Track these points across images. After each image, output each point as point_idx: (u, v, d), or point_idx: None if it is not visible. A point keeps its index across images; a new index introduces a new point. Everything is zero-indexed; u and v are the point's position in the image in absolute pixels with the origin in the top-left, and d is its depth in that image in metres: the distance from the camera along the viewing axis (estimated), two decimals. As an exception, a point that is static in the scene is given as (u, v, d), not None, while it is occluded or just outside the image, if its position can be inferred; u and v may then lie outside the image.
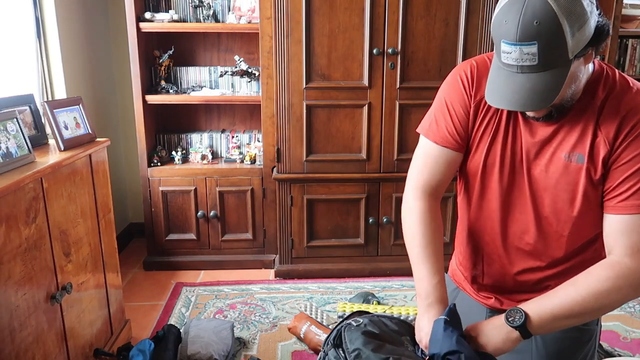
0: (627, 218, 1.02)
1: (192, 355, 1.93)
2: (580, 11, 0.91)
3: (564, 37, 0.91)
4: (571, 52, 0.94)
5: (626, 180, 1.02)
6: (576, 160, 1.07)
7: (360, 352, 1.07)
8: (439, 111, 1.20)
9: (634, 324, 2.33)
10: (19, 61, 2.31)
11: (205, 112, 3.12)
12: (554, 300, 1.04)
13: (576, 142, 1.07)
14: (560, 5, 0.89)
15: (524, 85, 0.96)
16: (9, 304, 1.35)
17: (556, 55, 0.93)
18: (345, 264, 2.80)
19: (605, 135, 1.04)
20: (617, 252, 1.03)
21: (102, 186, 1.94)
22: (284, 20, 2.45)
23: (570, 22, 0.90)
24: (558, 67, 0.95)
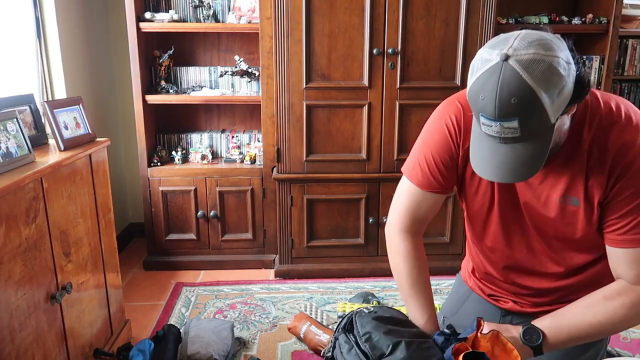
0: (630, 251, 1.05)
1: (192, 355, 1.93)
2: (556, 78, 0.88)
3: (543, 108, 0.89)
4: (553, 118, 0.92)
5: (623, 216, 1.04)
6: (571, 202, 1.09)
7: (371, 335, 1.08)
8: (424, 158, 1.20)
9: (634, 324, 2.33)
10: (19, 61, 2.31)
11: (205, 112, 3.12)
12: (571, 322, 1.08)
13: (569, 185, 1.08)
14: (536, 79, 0.87)
15: (509, 155, 0.95)
16: (9, 304, 1.35)
17: (538, 125, 0.91)
18: (345, 264, 2.80)
19: (597, 178, 1.04)
20: (627, 279, 1.07)
21: (102, 186, 1.94)
22: (284, 20, 2.45)
23: (548, 91, 0.88)
24: (541, 135, 0.93)
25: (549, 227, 1.15)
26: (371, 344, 1.06)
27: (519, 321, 1.29)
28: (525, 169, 0.95)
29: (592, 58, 2.95)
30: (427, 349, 1.09)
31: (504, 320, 1.33)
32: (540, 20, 2.89)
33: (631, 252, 1.05)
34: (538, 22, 2.89)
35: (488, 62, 0.90)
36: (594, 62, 2.95)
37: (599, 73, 2.95)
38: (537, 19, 2.89)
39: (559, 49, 0.91)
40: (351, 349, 1.09)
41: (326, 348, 1.18)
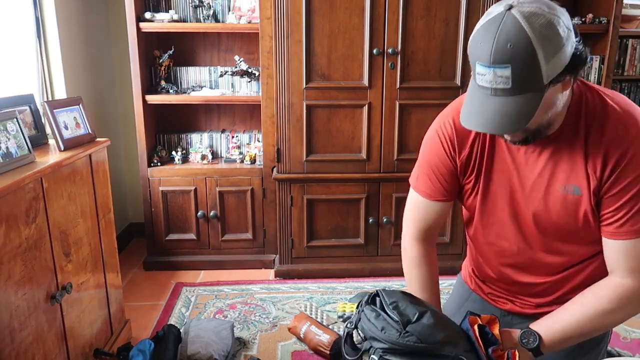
0: (625, 243, 1.06)
1: (192, 355, 1.93)
2: (555, 38, 0.90)
3: (537, 62, 0.90)
4: (546, 78, 0.92)
5: (619, 208, 1.05)
6: (572, 192, 1.09)
7: (398, 303, 1.10)
8: (424, 169, 1.26)
9: (634, 324, 2.33)
10: (19, 61, 2.31)
11: (205, 112, 3.12)
12: (564, 321, 1.10)
13: (569, 174, 1.08)
14: (534, 30, 0.88)
15: (497, 108, 0.95)
16: (9, 304, 1.35)
17: (530, 79, 0.92)
18: (345, 264, 2.80)
19: (592, 169, 1.05)
20: (619, 273, 1.08)
21: (102, 186, 1.94)
22: (284, 21, 2.45)
23: (545, 47, 0.89)
24: (532, 92, 0.93)
25: (549, 217, 1.14)
26: (399, 310, 1.08)
27: (519, 322, 1.29)
28: (509, 122, 0.95)
29: (592, 58, 2.95)
30: (449, 322, 1.13)
31: (504, 320, 1.33)
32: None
33: (627, 244, 1.05)
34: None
35: (492, 13, 0.93)
36: (594, 62, 2.95)
37: (599, 73, 2.95)
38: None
39: (561, 14, 0.93)
40: (379, 315, 1.10)
41: (350, 320, 1.20)
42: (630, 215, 1.04)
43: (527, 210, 1.16)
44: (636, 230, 1.04)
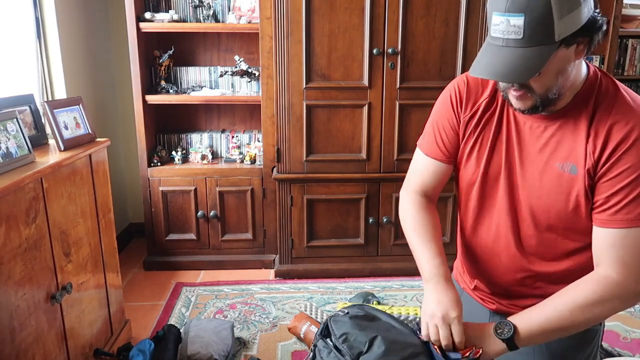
0: (615, 232, 1.03)
1: (192, 355, 1.93)
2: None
3: (551, 15, 0.91)
4: (558, 34, 0.93)
5: (614, 195, 1.02)
6: (569, 170, 1.07)
7: (347, 336, 1.07)
8: (430, 126, 1.27)
9: (634, 324, 2.33)
10: (19, 61, 2.31)
11: (205, 112, 3.12)
12: (543, 314, 1.06)
13: (569, 152, 1.07)
14: None
15: (506, 58, 0.96)
16: (9, 304, 1.35)
17: (541, 32, 0.92)
18: (345, 264, 2.80)
19: (592, 148, 1.04)
20: (604, 265, 1.04)
21: (102, 186, 1.94)
22: (284, 21, 2.45)
23: (560, 2, 0.90)
24: (542, 46, 0.94)
25: (541, 201, 1.12)
26: (349, 344, 1.06)
27: None
28: (515, 71, 0.95)
29: (592, 58, 2.95)
30: (404, 341, 1.09)
31: (492, 320, 1.32)
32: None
33: (618, 233, 1.02)
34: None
35: None
36: (594, 62, 2.95)
37: (599, 73, 2.95)
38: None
39: None
40: (330, 352, 1.08)
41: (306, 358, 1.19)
42: (626, 202, 1.01)
43: (522, 185, 1.14)
44: (630, 219, 1.01)
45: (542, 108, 1.06)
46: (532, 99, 1.04)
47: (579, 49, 0.98)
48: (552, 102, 1.05)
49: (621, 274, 1.02)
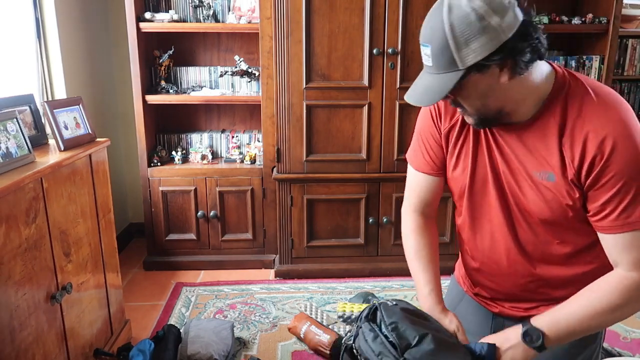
0: (622, 236, 1.04)
1: (192, 355, 1.93)
2: (468, 30, 0.96)
3: (448, 47, 0.98)
4: (461, 63, 0.98)
5: (608, 202, 1.03)
6: (547, 178, 1.09)
7: (397, 325, 1.07)
8: (416, 141, 1.33)
9: (634, 324, 2.33)
10: (19, 61, 2.31)
11: (205, 112, 3.12)
12: (570, 316, 1.07)
13: (544, 160, 1.08)
14: (449, 19, 0.96)
15: (423, 83, 1.06)
16: (9, 304, 1.35)
17: (444, 60, 1.00)
18: (345, 264, 2.80)
19: (570, 157, 1.05)
20: (623, 267, 1.06)
21: (102, 186, 1.94)
22: (284, 21, 2.45)
23: (455, 35, 0.96)
24: (448, 73, 1.01)
25: (530, 206, 1.14)
26: (398, 333, 1.06)
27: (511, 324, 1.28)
28: (423, 95, 1.05)
29: (592, 58, 2.95)
30: (453, 344, 1.11)
31: (495, 322, 1.31)
32: (540, 20, 2.89)
33: (624, 237, 1.04)
34: (538, 22, 2.88)
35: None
36: (594, 62, 2.95)
37: (599, 73, 2.94)
38: (537, 19, 2.89)
39: (496, 12, 0.96)
40: (377, 337, 1.08)
41: (347, 336, 1.18)
42: (622, 208, 1.02)
43: (510, 190, 1.16)
44: (632, 222, 1.02)
45: (491, 123, 1.11)
46: (472, 117, 1.11)
47: (502, 72, 1.01)
48: (498, 119, 1.09)
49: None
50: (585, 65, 2.96)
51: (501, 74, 1.02)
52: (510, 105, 1.07)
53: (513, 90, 1.05)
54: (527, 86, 1.06)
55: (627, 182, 1.01)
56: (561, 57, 3.01)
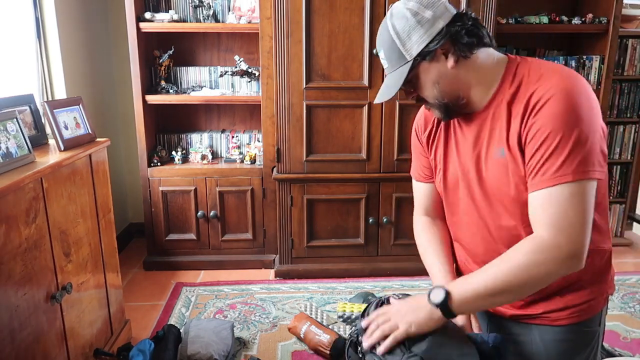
0: (539, 194, 1.04)
1: (192, 355, 1.93)
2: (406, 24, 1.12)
3: (395, 43, 1.14)
4: (408, 55, 1.14)
5: (532, 159, 1.05)
6: (500, 154, 1.13)
7: None
8: (412, 156, 1.47)
9: (634, 324, 2.33)
10: (19, 61, 2.31)
11: (205, 112, 3.12)
12: (477, 278, 1.07)
13: (499, 138, 1.14)
14: (391, 22, 1.14)
15: (384, 83, 1.21)
16: (9, 304, 1.35)
17: (395, 57, 1.15)
18: (345, 264, 2.80)
19: (515, 123, 1.10)
20: (536, 228, 1.05)
21: (102, 186, 1.94)
22: (284, 21, 2.45)
23: (397, 33, 1.14)
24: (400, 67, 1.16)
25: (490, 183, 1.17)
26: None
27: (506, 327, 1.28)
28: (385, 91, 1.18)
29: (592, 58, 2.95)
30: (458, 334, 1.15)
31: (490, 322, 1.32)
32: (540, 20, 2.89)
33: (542, 194, 1.03)
34: (538, 22, 2.89)
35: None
36: (594, 62, 2.95)
37: (599, 73, 2.95)
38: (537, 19, 2.90)
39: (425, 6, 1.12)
40: None
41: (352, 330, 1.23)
42: (542, 163, 1.03)
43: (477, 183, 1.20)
44: (546, 179, 1.02)
45: (452, 113, 1.20)
46: (436, 108, 1.20)
47: (448, 57, 1.13)
48: (458, 106, 1.18)
49: (552, 234, 1.02)
50: (585, 65, 2.96)
51: (447, 59, 1.13)
52: (464, 90, 1.16)
53: (462, 74, 1.15)
54: (476, 70, 1.15)
55: (548, 137, 1.02)
56: (561, 57, 3.01)
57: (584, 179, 1.01)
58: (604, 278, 1.24)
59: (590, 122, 1.03)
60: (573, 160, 1.01)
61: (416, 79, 1.16)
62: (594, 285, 1.21)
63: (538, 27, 2.89)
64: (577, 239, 1.01)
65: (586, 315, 1.22)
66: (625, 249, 3.22)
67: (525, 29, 2.89)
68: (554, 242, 1.01)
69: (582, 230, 1.01)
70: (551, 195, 1.02)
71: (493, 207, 1.19)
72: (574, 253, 1.02)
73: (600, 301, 1.24)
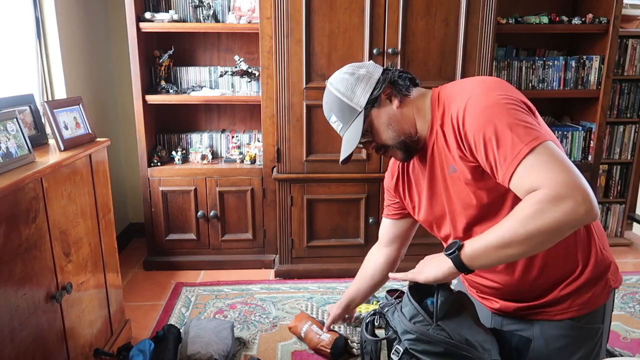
0: (515, 176, 1.06)
1: (192, 355, 1.93)
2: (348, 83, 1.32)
3: (343, 102, 1.32)
4: (358, 106, 1.31)
5: (487, 157, 1.10)
6: (452, 171, 1.23)
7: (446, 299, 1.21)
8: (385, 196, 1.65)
9: (634, 324, 2.33)
10: (19, 61, 2.31)
11: (205, 112, 3.12)
12: (488, 232, 1.11)
13: (445, 158, 1.25)
14: (334, 87, 1.34)
15: (344, 141, 1.36)
16: (9, 304, 1.35)
17: (347, 114, 1.32)
18: (345, 264, 2.80)
19: (451, 142, 1.20)
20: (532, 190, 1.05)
21: (102, 186, 1.94)
22: (284, 20, 2.45)
23: (342, 92, 1.32)
24: (355, 120, 1.32)
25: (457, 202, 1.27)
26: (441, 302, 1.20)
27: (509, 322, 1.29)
28: (350, 146, 1.33)
29: (592, 58, 2.95)
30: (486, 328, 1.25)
31: (494, 319, 1.34)
32: (540, 20, 2.89)
33: (517, 176, 1.05)
34: (538, 22, 2.89)
35: None
36: (594, 62, 2.95)
37: (599, 73, 2.95)
38: (537, 19, 2.89)
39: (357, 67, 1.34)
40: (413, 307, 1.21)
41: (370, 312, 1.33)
42: (496, 157, 1.08)
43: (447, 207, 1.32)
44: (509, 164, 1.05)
45: (412, 151, 1.32)
46: (396, 150, 1.33)
47: (392, 100, 1.30)
48: (414, 142, 1.31)
49: (548, 187, 1.01)
50: (585, 65, 2.96)
51: (391, 102, 1.30)
52: (412, 126, 1.30)
53: (406, 112, 1.30)
54: (414, 105, 1.30)
55: (485, 135, 1.09)
56: (561, 57, 3.01)
57: (537, 144, 1.04)
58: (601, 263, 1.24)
59: (505, 103, 1.11)
60: (519, 137, 1.05)
61: (371, 127, 1.32)
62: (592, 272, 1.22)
63: (538, 27, 2.89)
64: (573, 183, 1.00)
65: (587, 309, 1.23)
66: (625, 249, 3.22)
67: (525, 29, 2.89)
68: (552, 194, 1.00)
69: (571, 174, 1.01)
70: (524, 170, 1.04)
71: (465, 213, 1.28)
72: (581, 198, 0.99)
73: (601, 294, 1.24)
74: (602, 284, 1.24)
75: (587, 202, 0.99)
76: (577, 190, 0.99)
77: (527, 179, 1.03)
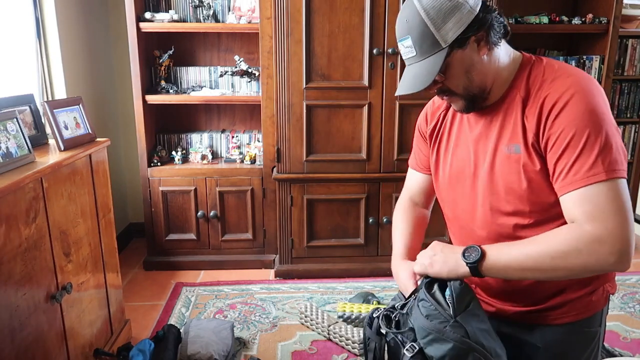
0: (576, 193, 1.02)
1: (192, 355, 1.93)
2: (442, 10, 1.06)
3: (428, 29, 1.07)
4: (443, 41, 1.08)
5: (559, 161, 1.05)
6: (514, 151, 1.13)
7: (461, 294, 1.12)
8: (413, 146, 1.48)
9: (634, 324, 2.33)
10: (19, 61, 2.31)
11: (205, 112, 3.12)
12: (513, 249, 1.07)
13: (511, 134, 1.14)
14: (422, 5, 1.07)
15: (411, 73, 1.13)
16: (9, 304, 1.35)
17: (427, 44, 1.08)
18: (345, 264, 2.80)
19: (530, 125, 1.10)
20: (577, 221, 1.03)
21: (102, 186, 1.94)
22: (284, 20, 2.45)
23: (431, 17, 1.06)
24: (433, 55, 1.09)
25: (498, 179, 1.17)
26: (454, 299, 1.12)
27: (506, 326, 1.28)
28: (417, 81, 1.11)
29: (592, 58, 2.95)
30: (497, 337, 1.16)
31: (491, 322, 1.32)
32: (540, 20, 2.89)
33: (575, 195, 1.02)
34: (538, 22, 2.89)
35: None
36: (594, 62, 2.95)
37: (599, 73, 2.95)
38: (537, 19, 2.90)
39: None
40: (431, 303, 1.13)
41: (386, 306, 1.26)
42: (570, 164, 1.02)
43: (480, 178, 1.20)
44: (579, 179, 1.01)
45: (473, 106, 1.18)
46: (460, 99, 1.16)
47: (480, 45, 1.11)
48: (482, 98, 1.16)
49: (594, 227, 0.99)
50: (585, 65, 2.96)
51: (479, 47, 1.11)
52: (490, 81, 1.15)
53: (490, 65, 1.13)
54: (500, 62, 1.15)
55: (573, 138, 1.02)
56: (561, 57, 3.01)
57: (615, 177, 1.00)
58: (603, 274, 1.24)
59: (611, 121, 1.04)
60: (604, 160, 1.00)
61: (449, 67, 1.11)
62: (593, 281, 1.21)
63: (538, 27, 2.89)
64: (621, 234, 0.98)
65: (585, 314, 1.22)
66: (625, 249, 3.22)
67: (525, 29, 2.89)
68: (596, 235, 0.98)
69: (625, 226, 0.99)
70: (586, 194, 1.01)
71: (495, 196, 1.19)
72: (619, 250, 0.98)
73: (600, 300, 1.24)
74: (601, 289, 1.24)
75: (622, 255, 0.98)
76: (620, 242, 0.98)
77: (583, 206, 1.01)
